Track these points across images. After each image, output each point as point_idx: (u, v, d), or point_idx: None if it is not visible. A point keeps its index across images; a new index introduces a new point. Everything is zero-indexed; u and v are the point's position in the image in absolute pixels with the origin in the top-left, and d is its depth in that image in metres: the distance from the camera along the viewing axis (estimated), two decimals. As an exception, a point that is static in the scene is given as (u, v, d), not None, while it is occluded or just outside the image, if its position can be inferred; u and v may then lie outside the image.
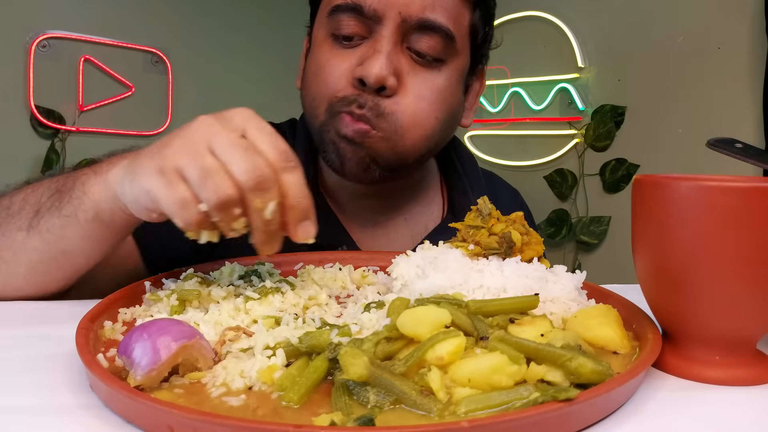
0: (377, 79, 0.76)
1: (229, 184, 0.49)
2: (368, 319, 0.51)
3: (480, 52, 0.91)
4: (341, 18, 0.79)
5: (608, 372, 0.39)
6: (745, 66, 2.25)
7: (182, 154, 0.51)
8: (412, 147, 0.82)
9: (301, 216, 0.53)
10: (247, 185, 0.49)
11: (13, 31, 2.40)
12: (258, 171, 0.50)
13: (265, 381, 0.41)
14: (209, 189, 0.49)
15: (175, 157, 0.51)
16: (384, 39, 0.78)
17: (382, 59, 0.76)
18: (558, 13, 2.71)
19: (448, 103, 0.84)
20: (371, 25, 0.79)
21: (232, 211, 0.50)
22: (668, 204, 0.45)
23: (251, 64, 3.08)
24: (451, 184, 0.99)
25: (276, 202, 0.51)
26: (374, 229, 0.93)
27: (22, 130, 2.44)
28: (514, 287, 0.54)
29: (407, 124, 0.80)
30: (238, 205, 0.50)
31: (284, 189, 0.52)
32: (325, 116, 0.81)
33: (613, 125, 2.58)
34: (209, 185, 0.49)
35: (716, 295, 0.45)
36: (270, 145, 0.52)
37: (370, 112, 0.78)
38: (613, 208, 2.61)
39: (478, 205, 0.63)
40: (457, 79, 0.86)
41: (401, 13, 0.77)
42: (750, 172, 1.92)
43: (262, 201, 0.50)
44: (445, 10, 0.79)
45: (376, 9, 0.77)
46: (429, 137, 0.84)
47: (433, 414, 0.36)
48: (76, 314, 0.51)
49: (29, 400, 0.41)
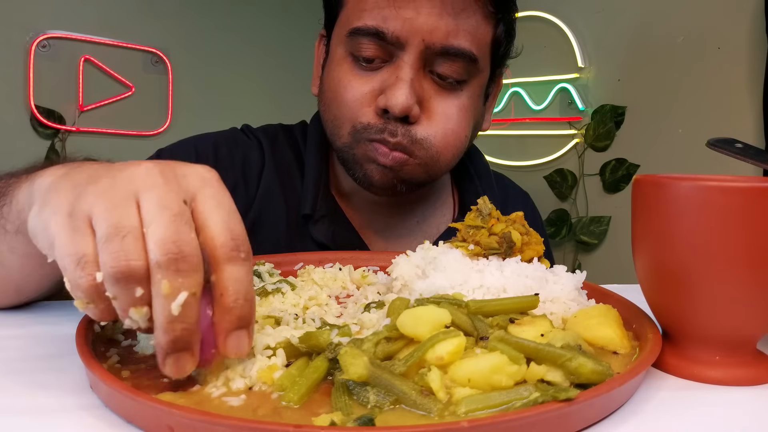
0: (402, 109, 0.75)
1: (135, 252, 0.37)
2: (368, 319, 0.51)
3: (501, 64, 0.90)
4: (361, 41, 0.78)
5: (608, 372, 0.39)
6: (745, 66, 2.25)
7: (102, 200, 0.39)
8: (446, 167, 0.84)
9: (237, 323, 0.39)
10: (156, 258, 0.37)
11: (13, 31, 2.40)
12: (178, 245, 0.37)
13: (265, 381, 0.41)
14: (109, 251, 0.37)
15: (94, 200, 0.39)
16: (406, 66, 0.76)
17: (406, 89, 0.75)
18: (558, 13, 2.71)
19: (473, 119, 0.85)
20: (393, 50, 0.77)
21: (131, 289, 0.37)
22: (668, 204, 0.45)
23: (251, 64, 3.08)
24: (463, 185, 0.99)
25: (191, 294, 0.37)
26: (387, 232, 0.93)
27: (22, 130, 2.44)
28: (514, 287, 0.54)
29: (441, 147, 0.80)
30: (140, 283, 0.37)
31: (223, 284, 0.39)
32: (350, 139, 0.81)
33: (613, 125, 2.58)
34: (111, 247, 0.37)
35: (716, 295, 0.45)
36: (220, 224, 0.40)
37: (405, 139, 0.78)
38: (613, 208, 2.61)
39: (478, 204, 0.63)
40: (479, 94, 0.86)
41: (425, 40, 0.75)
42: (750, 172, 1.92)
43: (171, 286, 0.37)
44: (469, 33, 0.78)
45: (399, 36, 0.76)
46: (459, 154, 0.85)
47: (433, 414, 0.36)
48: (76, 314, 0.51)
49: (29, 400, 0.41)
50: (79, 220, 0.39)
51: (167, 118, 2.82)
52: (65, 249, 0.39)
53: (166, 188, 0.40)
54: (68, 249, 0.39)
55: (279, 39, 3.14)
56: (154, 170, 0.41)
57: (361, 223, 0.92)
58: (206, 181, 0.42)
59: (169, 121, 2.82)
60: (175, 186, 0.40)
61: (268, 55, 3.13)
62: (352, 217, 0.91)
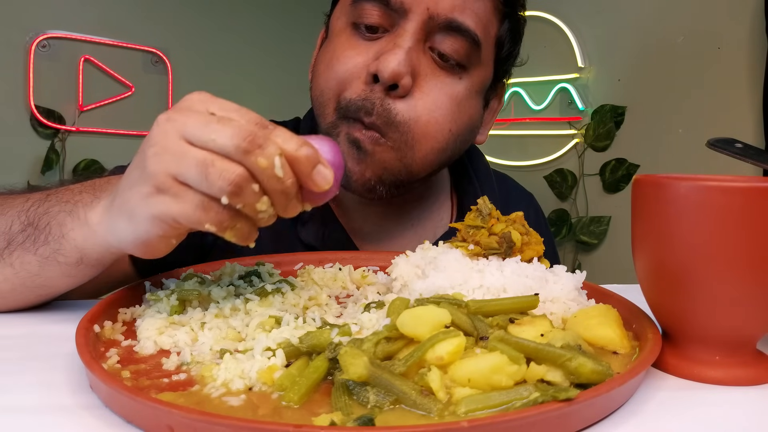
0: (392, 74, 0.71)
1: (230, 164, 0.45)
2: (368, 319, 0.51)
3: (503, 68, 0.86)
4: (365, 6, 0.75)
5: (608, 372, 0.39)
6: (745, 66, 2.25)
7: (166, 161, 0.46)
8: (422, 160, 0.78)
9: (310, 163, 0.48)
10: (241, 148, 0.44)
11: (13, 31, 2.40)
12: (244, 130, 0.45)
13: (265, 381, 0.41)
14: (215, 178, 0.44)
15: (161, 167, 0.46)
16: (407, 34, 0.73)
17: (401, 54, 0.72)
18: (558, 13, 2.71)
19: (465, 116, 0.80)
20: (396, 18, 0.74)
21: (250, 189, 0.45)
22: (668, 204, 0.45)
23: (251, 64, 3.08)
24: (462, 188, 0.95)
25: (281, 155, 0.46)
26: (380, 236, 0.90)
27: (22, 130, 2.44)
28: (514, 287, 0.54)
29: (419, 135, 0.75)
30: (251, 180, 0.45)
31: (280, 146, 0.46)
32: (334, 117, 0.77)
33: (613, 125, 2.58)
34: (213, 175, 0.44)
35: (716, 295, 0.45)
36: (241, 114, 0.48)
37: (379, 119, 0.73)
38: (613, 208, 2.61)
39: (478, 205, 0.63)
40: (478, 92, 0.81)
41: (429, 9, 0.73)
42: (750, 172, 1.92)
43: (265, 158, 0.45)
44: (475, 14, 0.75)
45: (403, 2, 0.73)
46: (440, 150, 0.79)
47: (433, 414, 0.36)
48: (76, 314, 0.51)
49: (29, 400, 0.41)
50: (170, 186, 0.46)
51: (167, 118, 2.82)
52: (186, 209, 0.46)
53: (191, 117, 0.47)
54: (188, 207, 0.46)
55: (279, 39, 3.14)
56: (169, 116, 0.48)
57: (352, 225, 0.89)
58: (204, 98, 0.50)
59: (169, 121, 2.82)
60: (192, 112, 0.48)
61: (268, 55, 3.13)
62: (342, 217, 0.88)
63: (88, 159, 2.57)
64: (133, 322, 0.54)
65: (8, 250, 0.59)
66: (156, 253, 0.52)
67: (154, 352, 0.47)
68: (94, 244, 0.56)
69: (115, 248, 0.55)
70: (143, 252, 0.52)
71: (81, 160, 2.56)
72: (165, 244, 0.51)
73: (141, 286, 0.60)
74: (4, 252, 0.59)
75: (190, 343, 0.48)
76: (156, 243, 0.50)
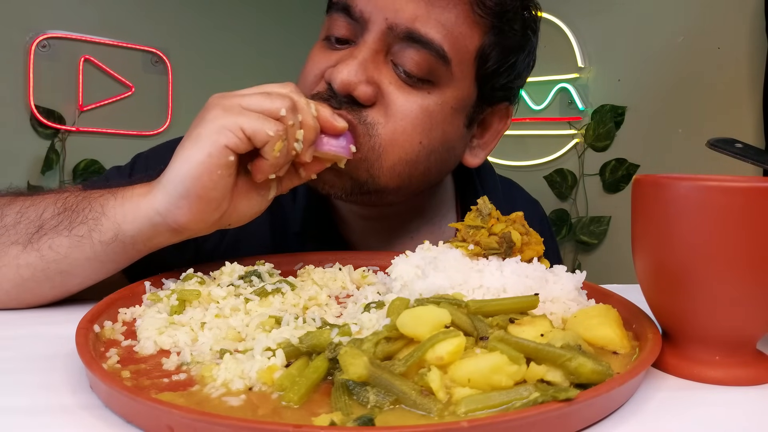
0: (342, 84, 0.69)
1: (274, 99, 0.60)
2: (368, 319, 0.50)
3: (491, 85, 0.78)
4: (335, 18, 0.75)
5: (608, 372, 0.39)
6: (745, 66, 2.25)
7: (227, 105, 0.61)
8: (389, 171, 0.74)
9: (329, 112, 0.65)
10: (290, 95, 0.61)
11: (13, 31, 2.40)
12: (287, 87, 0.63)
13: (265, 381, 0.41)
14: (276, 98, 0.60)
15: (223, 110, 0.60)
16: (365, 45, 0.71)
17: (354, 65, 0.70)
18: (558, 13, 2.71)
19: (437, 131, 0.75)
20: (359, 30, 0.73)
21: (296, 115, 0.61)
22: (668, 204, 0.45)
23: (251, 64, 3.08)
24: (466, 199, 0.92)
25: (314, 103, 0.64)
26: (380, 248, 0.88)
27: (22, 130, 2.44)
28: (513, 287, 0.54)
29: (386, 142, 0.72)
30: (296, 110, 0.61)
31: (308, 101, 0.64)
32: None
33: (613, 125, 2.58)
34: (274, 96, 0.60)
35: (716, 295, 0.45)
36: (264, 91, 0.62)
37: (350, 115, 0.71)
38: (613, 208, 2.61)
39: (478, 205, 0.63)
40: (455, 108, 0.76)
41: (388, 19, 0.70)
42: (750, 172, 1.92)
43: (304, 100, 0.63)
44: (441, 25, 0.71)
45: (363, 11, 0.71)
46: (410, 163, 0.74)
47: (433, 414, 0.36)
48: (76, 314, 0.51)
49: (29, 400, 0.41)
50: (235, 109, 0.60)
51: (167, 118, 2.82)
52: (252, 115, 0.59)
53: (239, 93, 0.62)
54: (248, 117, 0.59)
55: (279, 39, 3.14)
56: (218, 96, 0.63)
57: (353, 238, 0.89)
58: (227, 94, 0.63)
59: (169, 121, 2.82)
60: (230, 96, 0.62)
61: (268, 55, 3.13)
62: (343, 230, 0.88)
63: (88, 159, 2.57)
64: (133, 322, 0.54)
65: (37, 235, 0.61)
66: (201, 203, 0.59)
67: (154, 352, 0.48)
68: (134, 218, 0.60)
69: (160, 217, 0.59)
70: (187, 205, 0.58)
71: (81, 160, 2.56)
72: (217, 182, 0.58)
73: (141, 286, 0.60)
74: (33, 237, 0.61)
75: (190, 343, 0.48)
76: (209, 178, 0.58)
